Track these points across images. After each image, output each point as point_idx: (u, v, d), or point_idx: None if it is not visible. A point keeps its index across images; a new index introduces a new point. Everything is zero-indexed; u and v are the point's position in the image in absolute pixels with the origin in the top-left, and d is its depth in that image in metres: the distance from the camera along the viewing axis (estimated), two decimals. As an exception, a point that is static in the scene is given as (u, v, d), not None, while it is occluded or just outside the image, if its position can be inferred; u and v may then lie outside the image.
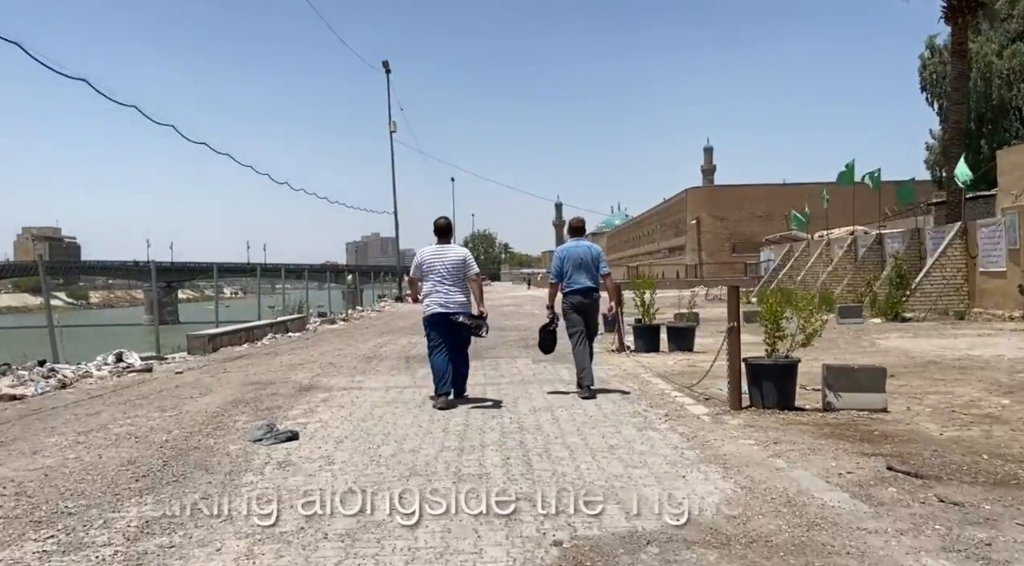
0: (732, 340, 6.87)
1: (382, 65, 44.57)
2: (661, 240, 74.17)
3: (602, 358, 11.45)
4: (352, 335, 18.54)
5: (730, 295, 7.04)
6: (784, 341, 7.00)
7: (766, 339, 7.06)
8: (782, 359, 6.99)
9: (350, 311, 29.84)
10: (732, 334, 6.87)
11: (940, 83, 45.29)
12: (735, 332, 6.86)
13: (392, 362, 12.01)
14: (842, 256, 24.28)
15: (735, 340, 6.87)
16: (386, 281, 50.10)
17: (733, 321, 6.88)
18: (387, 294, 45.11)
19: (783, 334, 6.99)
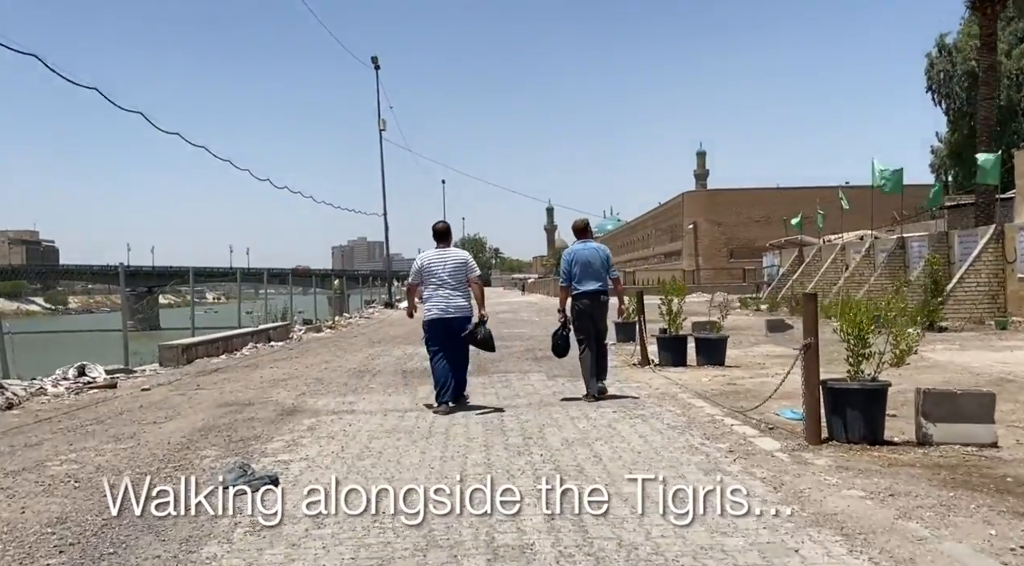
0: (809, 359, 5.72)
1: (371, 61, 43.44)
2: (656, 245, 73.21)
3: (625, 373, 10.32)
4: (340, 345, 17.32)
5: (806, 305, 5.89)
6: (870, 360, 5.86)
7: (848, 358, 5.92)
8: (869, 382, 5.84)
9: (337, 318, 28.60)
10: (809, 352, 5.72)
11: (948, 83, 44.55)
12: (812, 350, 5.71)
13: (387, 377, 10.82)
14: (860, 261, 23.26)
15: (812, 359, 5.72)
16: (375, 286, 48.83)
17: (810, 336, 5.73)
18: (376, 300, 43.85)
19: (868, 351, 5.84)
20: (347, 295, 39.83)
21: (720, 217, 61.07)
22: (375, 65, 43.73)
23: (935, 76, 45.21)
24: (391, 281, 46.56)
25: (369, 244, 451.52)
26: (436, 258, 7.77)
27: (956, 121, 44.94)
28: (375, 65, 43.73)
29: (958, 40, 44.32)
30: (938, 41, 45.39)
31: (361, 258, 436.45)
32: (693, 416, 7.05)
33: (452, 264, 7.71)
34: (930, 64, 45.54)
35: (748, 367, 10.80)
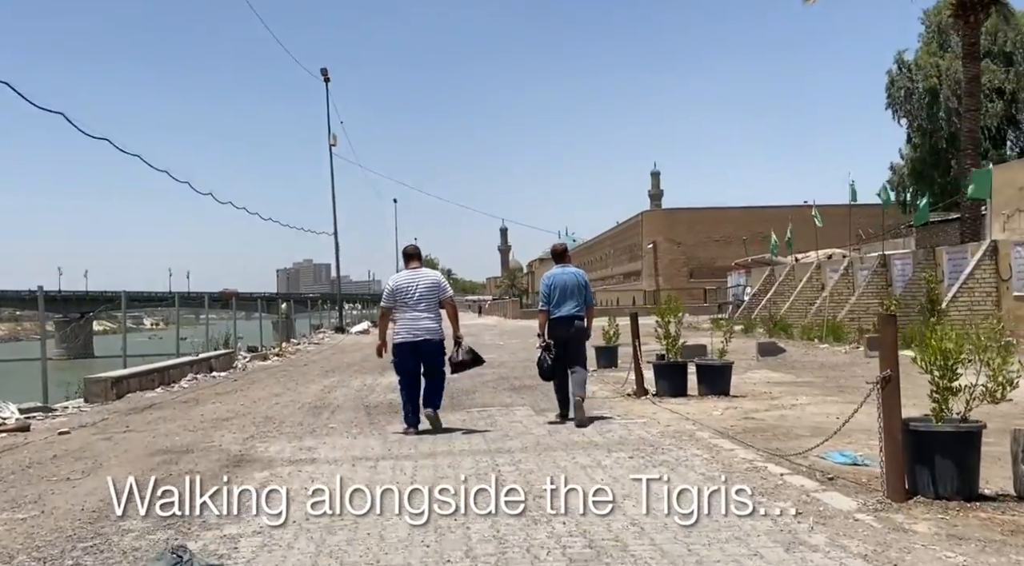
0: (889, 396, 4.74)
1: (320, 73, 42.11)
2: (615, 265, 72.82)
3: (623, 406, 9.28)
4: (290, 374, 15.97)
5: (884, 329, 4.90)
6: (958, 395, 4.90)
7: (932, 392, 4.95)
8: (961, 424, 4.88)
9: (284, 344, 27.07)
10: (889, 387, 4.74)
11: (908, 100, 45.04)
12: (893, 384, 4.73)
13: (349, 414, 9.59)
14: (839, 280, 22.74)
15: (893, 396, 4.74)
16: (323, 310, 47.14)
17: (889, 367, 4.75)
18: (324, 324, 42.23)
19: (957, 385, 4.89)
20: (294, 319, 38.20)
21: (679, 236, 60.90)
22: (324, 78, 42.41)
23: (895, 93, 45.68)
24: (341, 304, 44.98)
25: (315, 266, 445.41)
26: (407, 279, 7.81)
27: (917, 138, 45.42)
28: (324, 78, 42.41)
29: (917, 57, 44.90)
30: (897, 58, 45.94)
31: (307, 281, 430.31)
32: (727, 462, 6.01)
33: (424, 285, 7.75)
34: (890, 81, 46.02)
35: (756, 397, 9.86)
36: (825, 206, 37.09)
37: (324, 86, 41.97)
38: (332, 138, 41.62)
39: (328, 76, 42.25)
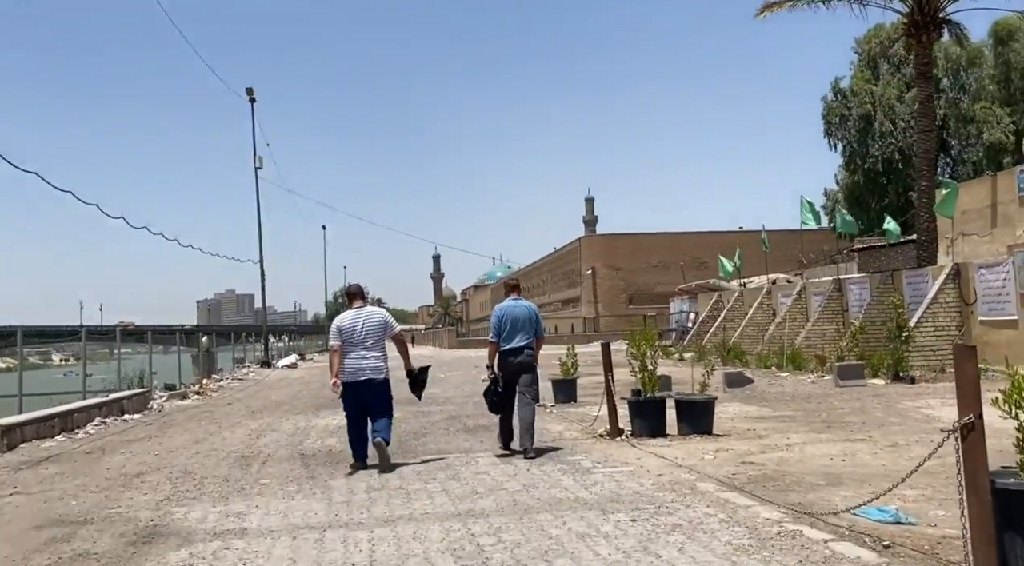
0: (971, 447, 3.91)
1: (246, 93, 40.58)
2: (553, 292, 72.34)
3: (598, 449, 8.38)
4: (213, 416, 14.55)
5: (961, 365, 4.07)
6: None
7: (1018, 441, 4.15)
8: (1055, 479, 4.08)
9: (205, 381, 25.34)
10: (971, 437, 3.91)
11: (844, 126, 46.02)
12: (977, 433, 3.91)
13: (283, 466, 8.40)
14: (792, 306, 22.42)
15: (977, 447, 3.91)
16: (247, 342, 45.09)
17: (971, 411, 3.92)
18: (248, 357, 40.29)
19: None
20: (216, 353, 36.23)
21: (618, 262, 60.81)
22: (250, 98, 40.91)
23: (831, 120, 46.66)
24: (267, 336, 43.02)
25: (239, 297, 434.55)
26: (353, 318, 7.93)
27: (852, 164, 46.38)
28: (250, 98, 40.91)
29: (852, 84, 45.98)
30: (833, 85, 47.01)
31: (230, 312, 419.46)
32: (751, 525, 5.11)
33: (369, 324, 7.89)
34: (826, 108, 47.00)
35: (742, 436, 9.06)
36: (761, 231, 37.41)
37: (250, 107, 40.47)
38: (258, 160, 40.08)
39: (254, 96, 40.78)
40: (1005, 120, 41.33)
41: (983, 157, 42.44)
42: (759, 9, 19.22)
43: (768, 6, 19.09)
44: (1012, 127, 40.76)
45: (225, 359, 38.02)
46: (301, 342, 58.35)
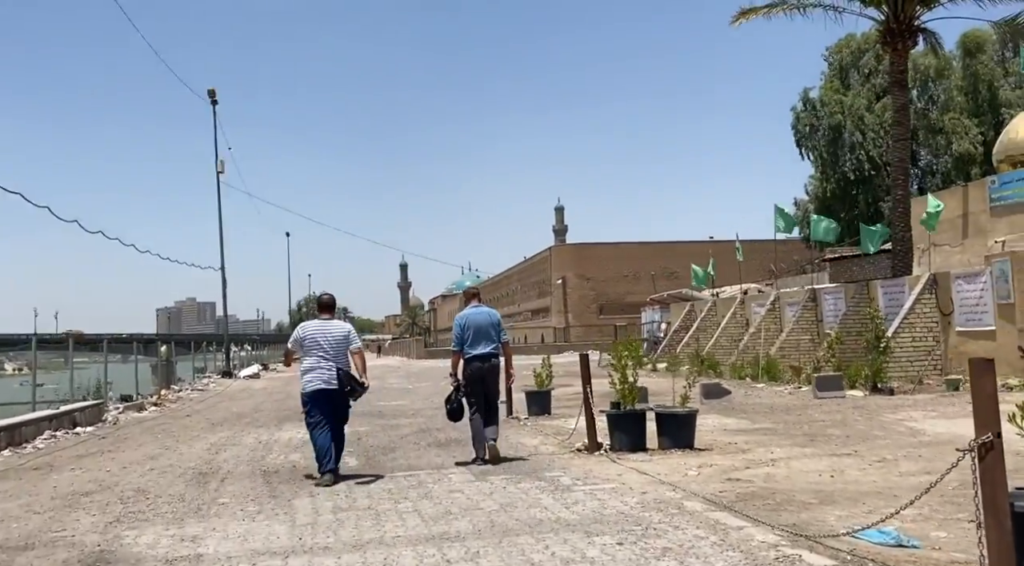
0: (990, 467, 3.67)
1: (208, 94, 39.90)
2: (523, 301, 72.13)
3: (576, 465, 8.09)
4: (170, 429, 14.03)
5: (978, 377, 3.82)
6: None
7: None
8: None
9: (164, 392, 24.66)
10: (989, 456, 3.68)
11: (814, 136, 46.40)
12: (995, 454, 3.67)
13: (243, 484, 8.00)
14: (765, 316, 22.37)
15: (995, 468, 3.67)
16: (208, 352, 44.20)
17: (990, 429, 3.68)
18: (210, 367, 39.47)
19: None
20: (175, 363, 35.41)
21: (589, 272, 60.78)
22: (212, 100, 40.24)
23: (801, 130, 47.02)
24: (228, 345, 42.18)
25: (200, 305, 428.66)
26: (318, 329, 8.07)
27: (822, 174, 46.76)
28: (212, 100, 40.24)
29: (822, 94, 46.41)
30: (803, 95, 47.37)
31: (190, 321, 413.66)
32: (746, 549, 4.84)
33: (335, 337, 8.02)
34: (796, 118, 47.36)
35: (724, 450, 8.82)
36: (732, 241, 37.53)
37: (212, 109, 39.80)
38: (219, 164, 39.37)
39: (216, 98, 40.13)
40: (973, 131, 41.91)
41: (952, 168, 42.99)
42: (735, 16, 19.20)
43: (744, 13, 19.07)
44: (980, 138, 41.32)
45: (185, 369, 37.19)
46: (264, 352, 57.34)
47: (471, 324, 8.46)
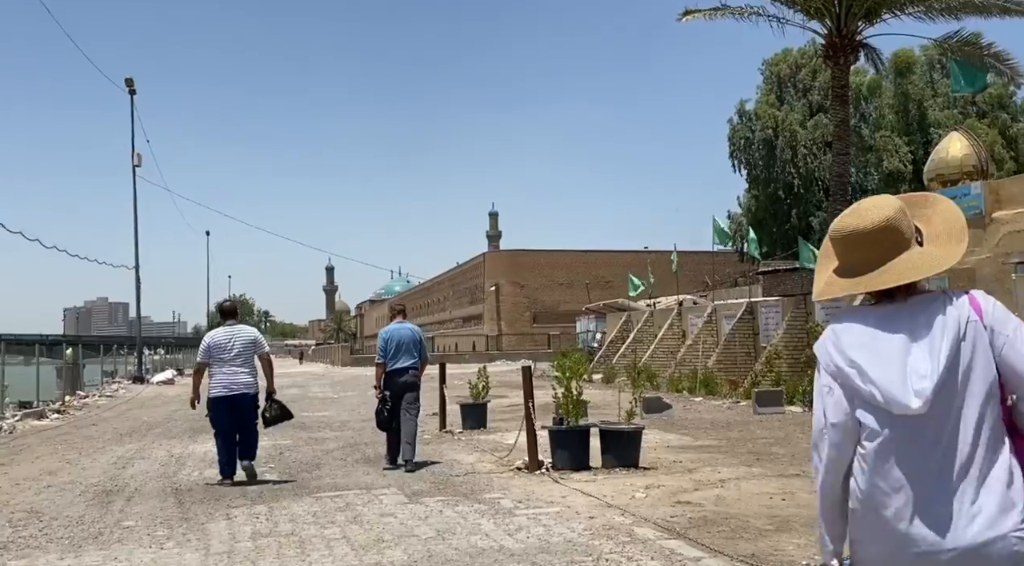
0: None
1: (125, 83, 38.37)
2: (454, 308, 71.60)
3: (517, 485, 7.77)
4: (73, 441, 13.16)
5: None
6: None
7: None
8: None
9: (69, 398, 23.44)
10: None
11: (748, 149, 47.29)
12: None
13: (152, 504, 7.42)
14: (703, 328, 22.48)
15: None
16: (119, 355, 42.47)
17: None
18: (120, 371, 37.89)
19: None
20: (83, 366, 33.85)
21: (523, 279, 60.68)
22: (130, 89, 38.74)
23: (737, 142, 47.88)
24: (141, 349, 40.59)
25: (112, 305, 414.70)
26: (224, 336, 8.41)
27: (755, 188, 47.69)
28: (130, 89, 38.74)
29: (757, 107, 47.35)
30: (739, 107, 48.26)
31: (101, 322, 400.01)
32: (707, 582, 4.58)
33: (240, 342, 8.36)
34: (732, 130, 48.22)
35: (670, 470, 8.60)
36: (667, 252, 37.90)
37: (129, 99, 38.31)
38: (136, 157, 37.88)
39: (134, 88, 38.65)
40: (903, 149, 43.29)
41: (881, 185, 44.33)
42: (680, 14, 19.25)
43: (689, 12, 19.14)
44: (910, 157, 42.69)
45: (93, 373, 35.57)
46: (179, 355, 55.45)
47: (395, 338, 9.16)
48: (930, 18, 18.02)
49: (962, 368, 1.89)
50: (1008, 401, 1.93)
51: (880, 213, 2.01)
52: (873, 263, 2.01)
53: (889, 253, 2.00)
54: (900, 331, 1.94)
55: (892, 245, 2.00)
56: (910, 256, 2.01)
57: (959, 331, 1.91)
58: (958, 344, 1.90)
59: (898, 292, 2.01)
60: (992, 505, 1.83)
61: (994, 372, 1.91)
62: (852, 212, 2.07)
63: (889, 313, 2.00)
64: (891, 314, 1.99)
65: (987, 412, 1.88)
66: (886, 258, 2.00)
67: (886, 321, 1.98)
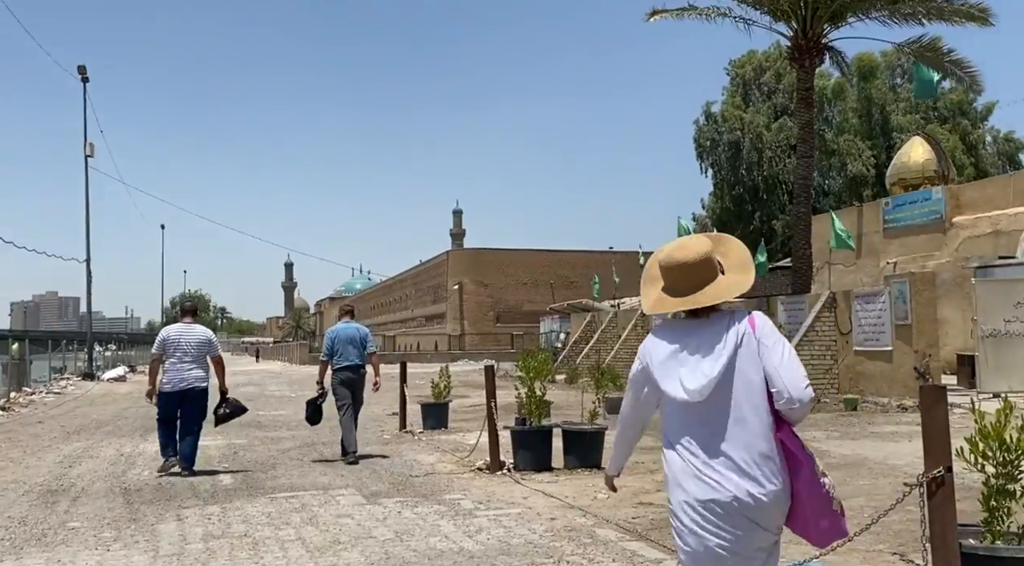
0: (939, 506, 3.48)
1: (78, 71, 37.60)
2: (417, 307, 71.23)
3: (478, 486, 7.72)
4: (18, 438, 12.83)
5: (929, 405, 3.62)
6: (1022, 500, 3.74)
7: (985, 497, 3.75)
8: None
9: (14, 394, 22.87)
10: (939, 493, 3.49)
11: (714, 151, 47.72)
12: (946, 490, 3.48)
13: (99, 504, 7.25)
14: (667, 329, 22.57)
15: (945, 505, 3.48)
16: (69, 351, 41.57)
17: (941, 464, 3.49)
18: (69, 368, 37.08)
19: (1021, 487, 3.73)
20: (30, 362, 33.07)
21: (487, 278, 60.57)
22: (83, 77, 37.95)
23: (703, 144, 48.29)
24: (92, 344, 39.76)
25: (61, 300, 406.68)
26: (180, 333, 8.93)
27: (721, 189, 48.15)
28: (83, 77, 37.95)
29: (723, 109, 47.80)
30: (705, 109, 48.68)
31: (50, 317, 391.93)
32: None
33: (196, 341, 8.90)
34: (698, 132, 48.62)
35: (632, 470, 8.57)
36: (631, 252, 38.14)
37: (82, 87, 37.54)
38: (89, 148, 37.13)
39: (87, 75, 37.89)
40: (866, 153, 44.01)
41: (845, 189, 45.01)
42: (648, 13, 19.36)
43: (657, 11, 19.25)
44: (873, 161, 43.41)
45: (41, 369, 34.73)
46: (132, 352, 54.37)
47: (341, 337, 9.71)
48: (894, 22, 18.33)
49: (738, 367, 2.59)
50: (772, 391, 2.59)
51: (701, 249, 2.70)
52: (693, 287, 2.67)
53: (704, 280, 2.67)
54: (700, 339, 2.64)
55: (707, 274, 2.68)
56: (718, 282, 2.70)
57: (738, 341, 2.61)
58: (736, 350, 2.60)
59: (703, 310, 2.68)
60: (751, 473, 2.54)
61: (761, 370, 2.60)
62: (679, 247, 2.73)
63: (694, 326, 2.69)
64: (696, 327, 2.69)
65: (756, 399, 2.59)
66: (702, 284, 2.67)
67: (691, 332, 2.69)
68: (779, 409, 2.60)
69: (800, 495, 2.61)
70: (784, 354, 2.62)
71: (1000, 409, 3.70)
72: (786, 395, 2.58)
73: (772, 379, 2.58)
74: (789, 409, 2.61)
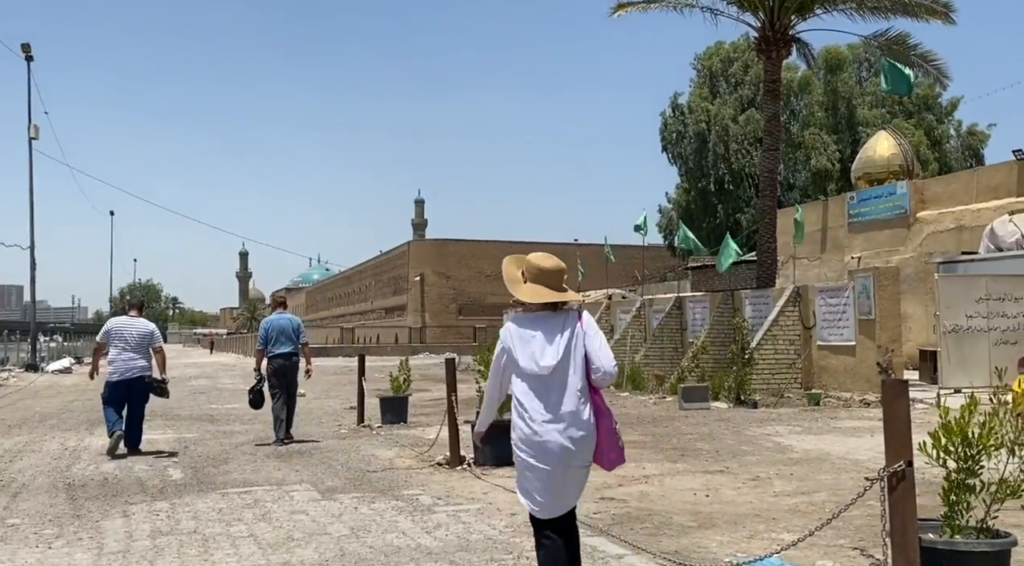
0: (900, 499, 3.54)
1: (21, 49, 36.69)
2: (377, 298, 70.82)
3: (437, 481, 7.72)
4: (-44, 433, 12.52)
5: (891, 400, 3.67)
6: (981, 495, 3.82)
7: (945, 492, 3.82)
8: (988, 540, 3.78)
9: (-47, 387, 22.32)
10: (900, 487, 3.55)
11: (680, 143, 48.00)
12: (907, 484, 3.54)
13: (41, 500, 7.10)
14: (631, 323, 22.72)
15: (906, 499, 3.54)
16: (11, 341, 40.69)
17: (900, 457, 3.55)
18: (12, 359, 36.29)
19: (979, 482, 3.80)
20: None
21: (449, 270, 60.42)
22: (27, 55, 37.06)
23: (669, 136, 48.51)
24: (35, 335, 38.96)
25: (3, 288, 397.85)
26: (125, 325, 9.74)
27: (686, 182, 48.47)
28: (27, 55, 37.06)
29: (690, 101, 48.08)
30: (672, 101, 48.88)
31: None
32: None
33: (139, 332, 9.66)
34: (664, 124, 48.84)
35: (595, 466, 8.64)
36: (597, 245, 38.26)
37: (26, 66, 36.66)
38: (33, 129, 36.28)
39: (31, 53, 37.02)
40: (831, 147, 44.53)
41: (809, 183, 45.56)
42: (613, 7, 19.38)
43: (622, 5, 19.28)
44: (837, 155, 43.95)
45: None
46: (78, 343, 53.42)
47: (275, 327, 10.58)
48: (860, 15, 18.56)
49: (572, 351, 3.71)
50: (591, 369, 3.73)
51: (559, 263, 3.90)
52: (555, 288, 3.83)
53: (561, 284, 3.86)
54: (547, 328, 3.76)
55: (561, 279, 3.87)
56: (567, 288, 3.90)
57: (573, 330, 3.74)
58: (572, 338, 3.72)
59: (557, 306, 3.83)
60: (577, 424, 3.69)
61: (584, 354, 3.71)
62: (547, 258, 3.92)
63: (545, 317, 3.81)
64: (546, 318, 3.81)
65: (580, 372, 3.71)
66: (560, 286, 3.85)
67: (542, 321, 3.79)
68: (593, 379, 3.73)
69: (601, 437, 3.77)
70: (601, 341, 3.75)
71: (965, 405, 3.77)
72: (601, 369, 3.71)
73: (592, 358, 3.70)
74: (602, 378, 3.74)
